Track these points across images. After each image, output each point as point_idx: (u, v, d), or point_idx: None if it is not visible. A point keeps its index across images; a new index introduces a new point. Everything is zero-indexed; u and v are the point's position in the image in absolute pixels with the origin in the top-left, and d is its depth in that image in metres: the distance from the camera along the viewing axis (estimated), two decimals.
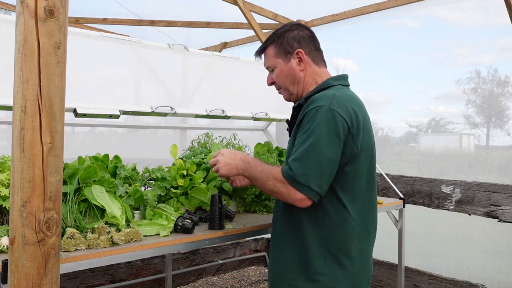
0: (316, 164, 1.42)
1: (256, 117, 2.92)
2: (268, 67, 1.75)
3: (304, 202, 1.45)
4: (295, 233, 1.59)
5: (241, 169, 1.62)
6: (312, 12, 4.36)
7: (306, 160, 1.42)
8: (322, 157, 1.42)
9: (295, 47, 1.67)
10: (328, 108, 1.46)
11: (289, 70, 1.68)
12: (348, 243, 1.55)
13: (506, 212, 2.87)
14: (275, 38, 1.70)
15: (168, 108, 2.41)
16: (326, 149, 1.43)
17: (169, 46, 2.59)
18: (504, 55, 4.00)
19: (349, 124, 1.47)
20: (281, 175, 1.46)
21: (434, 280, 3.32)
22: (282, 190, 1.46)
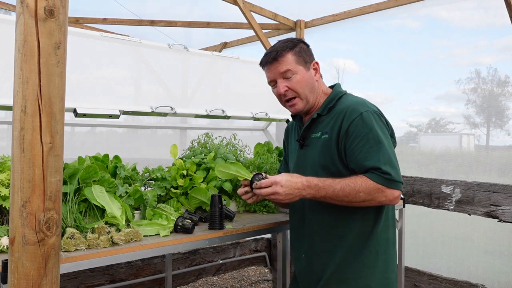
0: (395, 160, 1.56)
1: (256, 117, 2.92)
2: (288, 71, 1.66)
3: (399, 198, 1.56)
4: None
5: (309, 194, 1.53)
6: (312, 12, 4.36)
7: (390, 160, 1.52)
8: (394, 153, 1.58)
9: (312, 58, 1.72)
10: (371, 111, 1.58)
11: (309, 79, 1.69)
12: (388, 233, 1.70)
13: (506, 212, 2.87)
14: (291, 46, 1.68)
15: (168, 108, 2.41)
16: (391, 146, 1.58)
17: (169, 46, 2.59)
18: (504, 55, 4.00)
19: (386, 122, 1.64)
20: (373, 182, 1.49)
21: (434, 280, 3.32)
22: (378, 195, 1.50)
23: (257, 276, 4.46)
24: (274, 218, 2.27)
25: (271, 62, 1.68)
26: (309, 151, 1.69)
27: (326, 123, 1.66)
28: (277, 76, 1.68)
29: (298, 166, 1.74)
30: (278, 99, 1.77)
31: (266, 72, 1.73)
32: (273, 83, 1.73)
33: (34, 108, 1.13)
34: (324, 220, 1.66)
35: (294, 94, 1.68)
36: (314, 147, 1.67)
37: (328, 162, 1.61)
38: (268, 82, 1.75)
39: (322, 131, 1.65)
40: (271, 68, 1.69)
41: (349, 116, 1.57)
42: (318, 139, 1.66)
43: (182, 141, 4.11)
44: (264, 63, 1.72)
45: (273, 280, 4.14)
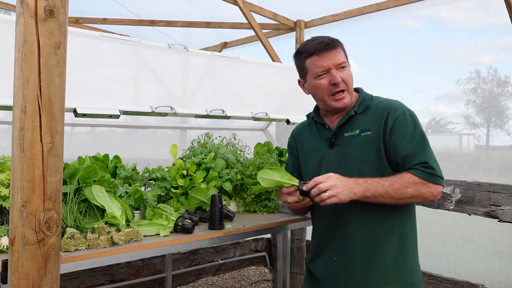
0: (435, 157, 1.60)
1: (256, 117, 2.92)
2: (342, 63, 1.64)
3: (441, 193, 1.58)
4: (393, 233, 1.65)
5: (360, 191, 1.51)
6: (312, 12, 4.36)
7: (433, 156, 1.58)
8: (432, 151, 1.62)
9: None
10: (410, 111, 1.65)
11: (351, 75, 1.70)
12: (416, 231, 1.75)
13: (506, 212, 2.87)
14: (340, 40, 1.69)
15: (168, 108, 2.41)
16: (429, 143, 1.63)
17: (169, 46, 2.59)
18: (504, 55, 4.00)
19: None
20: (418, 177, 1.52)
21: (434, 280, 3.32)
22: (424, 190, 1.53)
23: (257, 276, 4.46)
24: (274, 218, 2.27)
25: (328, 50, 1.62)
26: (345, 149, 1.65)
27: (365, 121, 1.65)
28: (332, 65, 1.62)
29: (329, 165, 1.68)
30: (321, 92, 1.66)
31: (318, 60, 1.63)
32: (323, 72, 1.63)
33: (34, 108, 1.13)
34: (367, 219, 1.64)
35: (345, 86, 1.65)
36: (351, 145, 1.64)
37: (374, 158, 1.61)
38: (316, 71, 1.64)
39: (362, 128, 1.64)
40: (326, 56, 1.62)
41: (394, 113, 1.62)
42: (356, 137, 1.64)
43: (182, 141, 4.11)
44: (319, 50, 1.62)
45: (273, 280, 4.14)
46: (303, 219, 2.30)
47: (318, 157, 1.74)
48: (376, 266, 1.61)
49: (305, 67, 1.68)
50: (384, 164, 1.60)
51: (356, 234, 1.64)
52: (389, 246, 1.63)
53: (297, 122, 2.98)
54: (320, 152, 1.73)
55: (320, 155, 1.73)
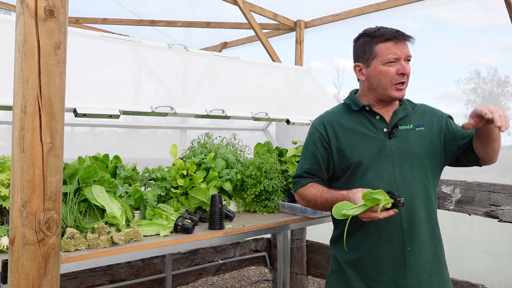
0: None
1: (256, 117, 2.92)
2: (410, 57, 1.68)
3: None
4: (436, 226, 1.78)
5: None
6: (312, 12, 4.36)
7: None
8: None
9: None
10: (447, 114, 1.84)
11: None
12: None
13: (506, 212, 2.87)
14: None
15: (168, 108, 2.41)
16: None
17: (169, 46, 2.59)
18: (504, 55, 4.00)
19: None
20: None
21: None
22: None
23: (257, 276, 4.46)
24: (274, 218, 2.27)
25: (403, 40, 1.65)
26: (404, 142, 1.70)
27: (416, 118, 1.76)
28: (403, 56, 1.65)
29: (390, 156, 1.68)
30: (385, 78, 1.67)
31: (393, 47, 1.64)
32: (395, 59, 1.65)
33: (34, 108, 1.13)
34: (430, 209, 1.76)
35: (406, 79, 1.69)
36: (409, 138, 1.71)
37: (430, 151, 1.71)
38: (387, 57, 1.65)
39: (415, 124, 1.74)
40: (400, 46, 1.65)
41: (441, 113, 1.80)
42: (410, 131, 1.72)
43: (182, 141, 4.11)
44: (397, 38, 1.64)
45: (273, 280, 4.14)
46: (303, 219, 2.30)
47: (374, 147, 1.69)
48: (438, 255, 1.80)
49: (374, 51, 1.67)
50: (437, 156, 1.73)
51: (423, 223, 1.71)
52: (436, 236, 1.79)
53: (297, 122, 2.98)
54: (378, 142, 1.69)
55: (378, 145, 1.69)
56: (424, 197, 1.69)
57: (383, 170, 1.66)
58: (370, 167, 1.66)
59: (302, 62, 4.48)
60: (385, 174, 1.65)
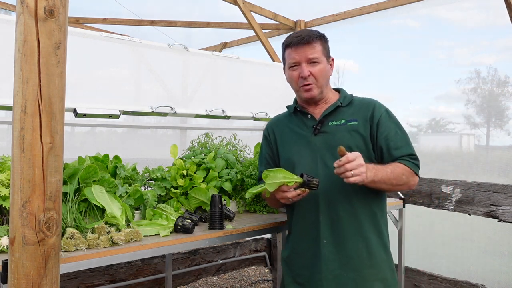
0: None
1: (256, 117, 2.92)
2: (313, 59, 1.74)
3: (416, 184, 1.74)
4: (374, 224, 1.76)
5: (370, 176, 1.56)
6: (312, 12, 4.36)
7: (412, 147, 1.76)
8: None
9: (330, 54, 1.84)
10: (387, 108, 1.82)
11: (328, 72, 1.81)
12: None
13: (506, 212, 2.87)
14: (320, 35, 1.79)
15: (168, 108, 2.41)
16: None
17: (169, 46, 2.59)
18: (504, 55, 4.00)
19: None
20: (409, 167, 1.68)
21: (434, 280, 3.32)
22: (411, 179, 1.70)
23: (257, 276, 4.46)
24: (274, 218, 2.27)
25: (302, 44, 1.74)
26: (331, 136, 1.76)
27: (350, 113, 1.79)
28: (303, 59, 1.74)
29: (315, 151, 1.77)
30: (293, 82, 1.82)
31: (292, 52, 1.76)
32: (295, 65, 1.77)
33: (34, 108, 1.13)
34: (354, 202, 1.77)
35: (313, 80, 1.76)
36: (337, 133, 1.76)
37: (361, 145, 1.73)
38: (289, 62, 1.79)
39: (347, 119, 1.78)
40: (299, 50, 1.74)
41: (379, 109, 1.78)
42: (341, 125, 1.77)
43: (182, 141, 4.11)
44: (293, 44, 1.75)
45: (273, 280, 4.14)
46: None
47: (302, 144, 1.82)
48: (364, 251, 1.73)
49: (284, 58, 1.84)
50: (370, 152, 1.73)
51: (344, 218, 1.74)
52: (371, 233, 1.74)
53: None
54: (304, 139, 1.82)
55: (305, 141, 1.81)
56: (350, 190, 1.69)
57: (307, 165, 1.76)
58: (298, 162, 1.79)
59: None
60: (308, 168, 1.73)
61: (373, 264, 1.71)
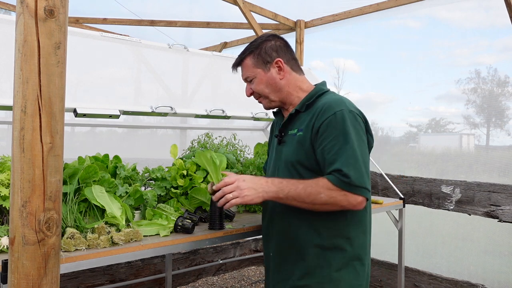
0: (364, 164, 1.48)
1: (256, 117, 2.92)
2: (247, 78, 1.75)
3: (363, 204, 1.48)
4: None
5: (272, 191, 1.52)
6: (312, 12, 4.37)
7: (355, 163, 1.46)
8: (364, 157, 1.50)
9: (273, 57, 1.70)
10: (347, 110, 1.53)
11: (269, 79, 1.70)
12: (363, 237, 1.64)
13: (506, 212, 2.87)
14: (252, 49, 1.72)
15: (168, 108, 2.41)
16: (363, 149, 1.51)
17: (169, 46, 2.59)
18: (504, 55, 4.00)
19: (364, 121, 1.59)
20: (332, 184, 1.45)
21: (434, 280, 3.32)
22: (340, 198, 1.46)
23: (257, 276, 4.46)
24: None
25: (236, 66, 1.79)
26: (285, 148, 1.68)
27: (302, 120, 1.65)
28: (243, 79, 1.79)
29: (275, 162, 1.75)
30: None
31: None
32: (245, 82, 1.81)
33: (34, 108, 1.13)
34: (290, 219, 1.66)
35: (257, 95, 1.76)
36: (290, 144, 1.66)
37: (303, 159, 1.59)
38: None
39: (299, 127, 1.65)
40: (240, 72, 1.80)
41: (323, 114, 1.55)
42: (294, 136, 1.65)
43: (182, 141, 4.11)
44: (233, 66, 1.81)
45: None
46: None
47: (272, 151, 1.82)
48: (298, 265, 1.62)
49: None
50: (314, 166, 1.57)
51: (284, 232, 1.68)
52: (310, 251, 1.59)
53: None
54: (273, 147, 1.82)
55: (274, 149, 1.81)
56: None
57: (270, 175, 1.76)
58: (267, 172, 1.84)
59: (302, 62, 4.49)
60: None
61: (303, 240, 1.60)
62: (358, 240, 1.60)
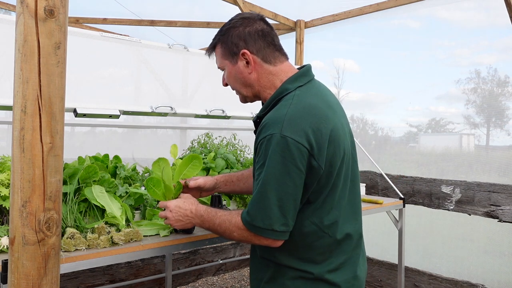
0: (276, 203, 1.27)
1: None
2: (220, 67, 1.55)
3: (274, 243, 1.32)
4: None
5: (197, 223, 1.51)
6: (312, 12, 4.36)
7: (263, 201, 1.28)
8: (281, 193, 1.27)
9: (240, 47, 1.44)
10: (279, 135, 1.26)
11: (237, 73, 1.48)
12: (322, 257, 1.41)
13: (506, 212, 2.87)
14: (220, 36, 1.49)
15: (168, 108, 2.41)
16: (284, 183, 1.26)
17: (169, 46, 2.59)
18: (504, 55, 4.00)
19: (307, 147, 1.27)
20: (243, 223, 1.33)
21: (434, 280, 3.32)
22: (251, 238, 1.34)
23: None
24: None
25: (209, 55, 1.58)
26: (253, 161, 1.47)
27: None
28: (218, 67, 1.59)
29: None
30: None
31: None
32: None
33: (34, 108, 1.13)
34: None
35: (232, 88, 1.57)
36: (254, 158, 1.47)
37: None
38: None
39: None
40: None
41: (260, 133, 1.34)
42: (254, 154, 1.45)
43: (182, 141, 4.11)
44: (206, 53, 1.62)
45: None
46: None
47: None
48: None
49: None
50: None
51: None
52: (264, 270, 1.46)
53: None
54: None
55: None
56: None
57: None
58: None
59: (302, 62, 4.48)
60: None
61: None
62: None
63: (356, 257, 1.47)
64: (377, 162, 3.21)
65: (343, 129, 1.42)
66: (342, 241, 1.41)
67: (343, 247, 1.42)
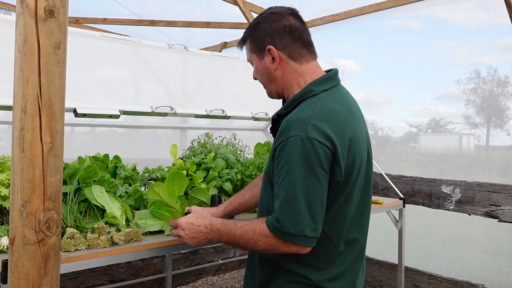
0: (306, 206, 1.23)
1: (256, 117, 2.92)
2: (250, 61, 1.54)
3: (303, 250, 1.28)
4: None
5: (213, 238, 1.42)
6: (312, 12, 4.36)
7: (292, 205, 1.23)
8: (309, 196, 1.23)
9: (266, 43, 1.43)
10: (304, 137, 1.23)
11: (264, 69, 1.48)
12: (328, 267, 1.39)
13: (506, 212, 2.87)
14: (249, 30, 1.49)
15: (168, 108, 2.41)
16: (311, 186, 1.23)
17: (169, 46, 2.59)
18: (504, 55, 4.00)
19: (332, 150, 1.25)
20: (269, 230, 1.27)
21: (434, 280, 3.32)
22: (278, 245, 1.28)
23: None
24: None
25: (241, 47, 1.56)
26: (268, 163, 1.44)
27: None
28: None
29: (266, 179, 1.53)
30: None
31: None
32: None
33: (34, 108, 1.13)
34: None
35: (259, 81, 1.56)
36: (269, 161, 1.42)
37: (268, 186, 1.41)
38: None
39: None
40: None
41: (281, 135, 1.30)
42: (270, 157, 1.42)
43: (182, 141, 4.11)
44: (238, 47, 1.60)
45: None
46: None
47: None
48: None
49: None
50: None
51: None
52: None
53: None
54: None
55: None
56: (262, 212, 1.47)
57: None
58: None
59: None
60: None
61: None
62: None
63: (357, 268, 1.45)
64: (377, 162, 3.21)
65: (363, 138, 1.40)
66: (345, 251, 1.40)
67: (345, 257, 1.40)
